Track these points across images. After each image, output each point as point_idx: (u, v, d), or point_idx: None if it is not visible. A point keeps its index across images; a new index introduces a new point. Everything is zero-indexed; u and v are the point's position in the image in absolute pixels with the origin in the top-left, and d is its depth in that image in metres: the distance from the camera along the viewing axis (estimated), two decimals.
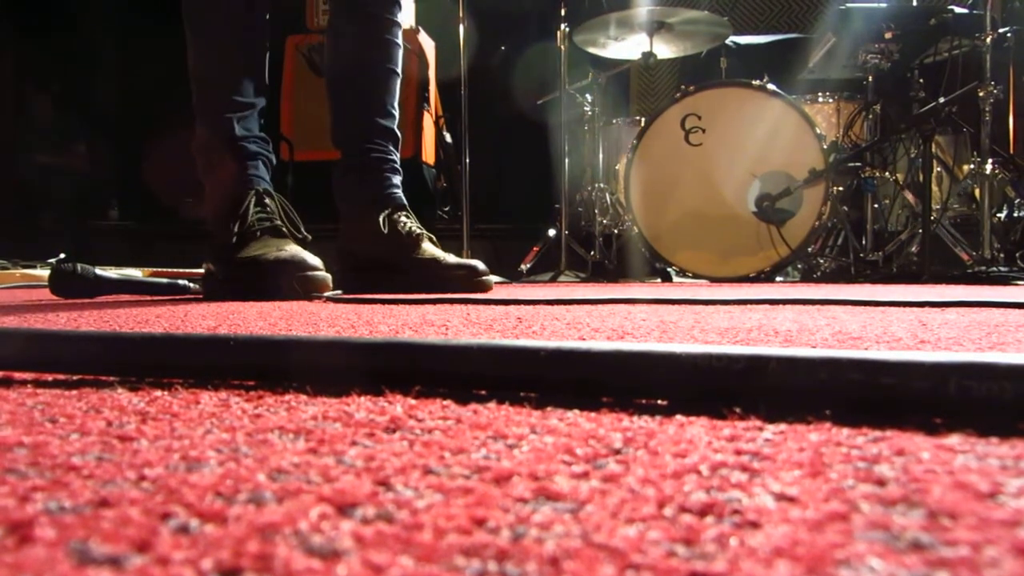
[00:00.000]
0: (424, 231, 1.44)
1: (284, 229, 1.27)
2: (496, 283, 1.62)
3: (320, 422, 0.26)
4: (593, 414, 0.27)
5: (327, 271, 1.27)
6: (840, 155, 2.36)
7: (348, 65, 1.45)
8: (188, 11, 1.31)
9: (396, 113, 1.48)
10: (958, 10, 2.32)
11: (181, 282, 1.27)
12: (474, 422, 0.26)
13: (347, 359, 0.33)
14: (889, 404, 0.26)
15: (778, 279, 2.42)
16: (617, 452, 0.22)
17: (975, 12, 2.30)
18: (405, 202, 1.46)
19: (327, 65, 1.50)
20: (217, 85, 1.32)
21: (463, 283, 1.38)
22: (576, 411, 0.27)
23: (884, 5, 2.39)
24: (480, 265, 1.42)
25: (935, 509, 0.17)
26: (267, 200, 1.29)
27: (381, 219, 1.41)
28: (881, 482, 0.19)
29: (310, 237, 1.32)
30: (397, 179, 1.47)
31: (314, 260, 1.22)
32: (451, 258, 1.41)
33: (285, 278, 1.18)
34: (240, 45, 1.32)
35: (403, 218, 1.43)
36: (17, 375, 0.36)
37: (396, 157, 1.47)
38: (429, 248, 1.43)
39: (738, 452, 0.22)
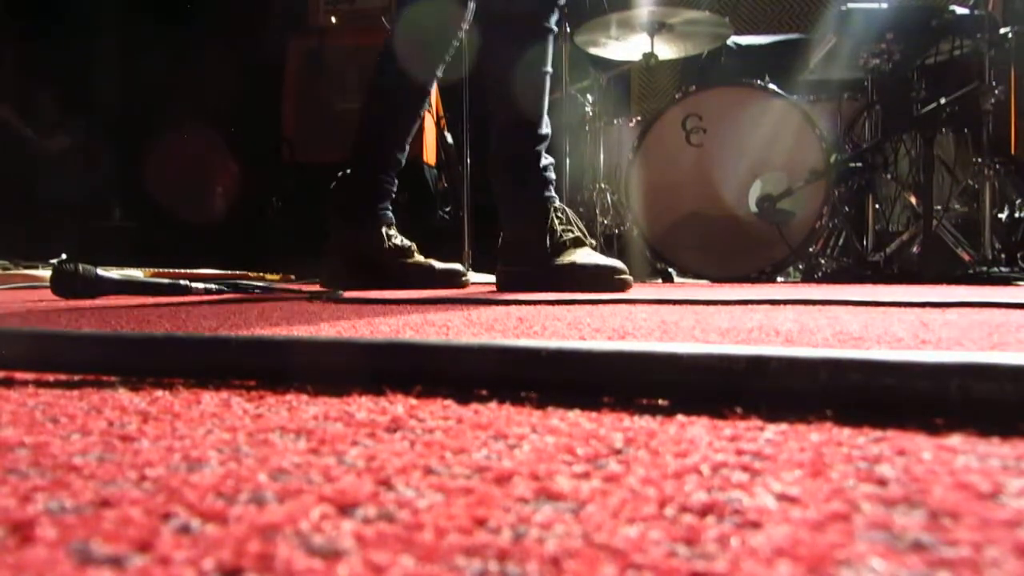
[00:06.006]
0: (411, 244, 1.65)
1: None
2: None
3: (321, 422, 0.26)
4: (594, 414, 0.27)
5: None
6: (841, 156, 2.35)
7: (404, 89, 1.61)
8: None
9: (407, 147, 1.67)
10: (959, 11, 2.32)
11: (183, 283, 1.27)
12: (475, 422, 0.26)
13: (349, 360, 0.33)
14: (890, 404, 0.26)
15: (779, 279, 2.42)
16: (618, 452, 0.22)
17: (976, 13, 2.30)
18: (393, 219, 1.66)
19: (382, 81, 1.63)
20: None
21: (448, 285, 1.62)
22: (577, 411, 0.27)
23: (885, 6, 2.38)
24: (460, 268, 1.71)
25: (936, 509, 0.16)
26: None
27: (374, 236, 1.60)
28: (882, 482, 0.19)
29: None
30: (390, 200, 1.67)
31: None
32: (437, 264, 1.65)
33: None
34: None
35: (392, 231, 1.63)
36: (18, 375, 0.36)
37: (395, 183, 1.67)
38: (417, 258, 1.65)
39: (739, 452, 0.22)
